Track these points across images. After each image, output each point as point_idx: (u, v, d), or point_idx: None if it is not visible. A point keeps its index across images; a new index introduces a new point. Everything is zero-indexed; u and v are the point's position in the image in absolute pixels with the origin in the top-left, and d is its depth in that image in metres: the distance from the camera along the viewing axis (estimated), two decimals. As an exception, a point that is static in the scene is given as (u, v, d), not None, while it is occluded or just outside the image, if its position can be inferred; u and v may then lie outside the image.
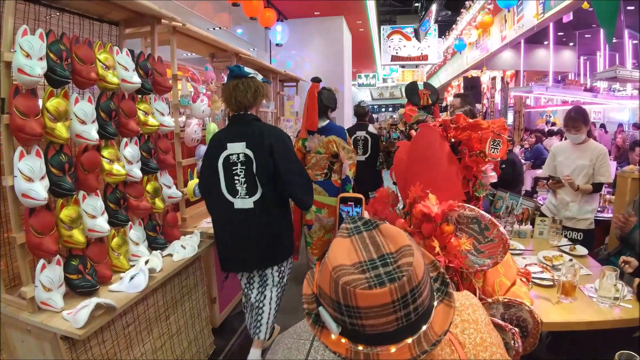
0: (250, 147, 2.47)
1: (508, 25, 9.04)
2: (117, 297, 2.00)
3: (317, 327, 0.82)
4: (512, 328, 1.31)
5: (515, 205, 3.58)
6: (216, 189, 2.54)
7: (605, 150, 3.30)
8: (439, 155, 1.77)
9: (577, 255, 2.77)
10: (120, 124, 2.23)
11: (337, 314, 0.75)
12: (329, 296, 0.75)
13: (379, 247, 0.78)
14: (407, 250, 0.76)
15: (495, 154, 1.81)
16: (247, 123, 2.55)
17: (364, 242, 0.80)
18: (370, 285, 0.70)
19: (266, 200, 2.52)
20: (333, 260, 0.77)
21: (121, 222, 2.22)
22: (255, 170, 2.47)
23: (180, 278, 2.53)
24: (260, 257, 2.63)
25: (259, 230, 2.55)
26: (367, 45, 13.01)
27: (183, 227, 3.04)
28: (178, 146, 2.94)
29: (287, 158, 2.51)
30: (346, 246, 0.79)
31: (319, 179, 3.65)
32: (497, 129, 1.81)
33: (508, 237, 1.55)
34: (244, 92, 2.50)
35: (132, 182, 2.33)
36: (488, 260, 1.53)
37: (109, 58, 2.13)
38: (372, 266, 0.74)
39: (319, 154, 3.64)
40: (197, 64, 5.37)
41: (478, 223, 1.57)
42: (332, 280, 0.74)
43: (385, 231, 0.81)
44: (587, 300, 2.16)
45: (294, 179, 2.54)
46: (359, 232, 0.82)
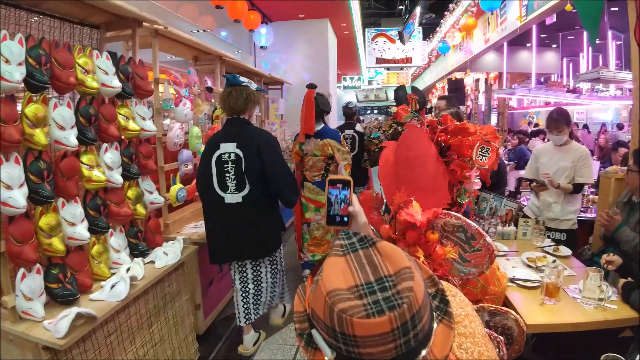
0: (240, 147, 2.70)
1: (491, 28, 9.13)
2: (98, 306, 1.96)
3: (310, 349, 0.77)
4: (497, 336, 1.31)
5: (499, 207, 3.60)
6: (209, 185, 2.76)
7: (587, 152, 3.33)
8: (426, 156, 1.76)
9: (560, 256, 2.79)
10: (100, 129, 2.19)
11: (332, 340, 0.70)
12: (323, 321, 0.70)
13: (376, 269, 0.72)
14: (406, 273, 0.71)
15: (483, 162, 1.78)
16: (239, 126, 2.80)
17: (360, 261, 0.74)
18: (368, 314, 0.65)
19: (254, 196, 2.73)
20: (327, 283, 0.71)
21: (101, 229, 2.18)
22: (244, 168, 2.70)
23: (163, 285, 2.49)
24: (249, 248, 2.82)
25: (247, 223, 2.76)
26: (352, 48, 13.05)
27: (166, 233, 2.99)
28: (160, 151, 2.90)
29: (272, 158, 2.73)
30: (341, 266, 0.74)
31: (316, 179, 3.88)
32: (486, 136, 1.79)
33: (495, 247, 1.54)
34: (236, 99, 2.76)
35: (112, 188, 2.29)
36: (474, 270, 1.52)
37: (89, 62, 2.09)
38: (369, 291, 0.69)
39: (315, 157, 3.85)
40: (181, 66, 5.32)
41: (464, 232, 1.55)
42: (327, 306, 0.68)
43: (382, 250, 0.76)
44: (571, 301, 2.17)
45: (278, 177, 2.75)
46: (354, 250, 0.76)
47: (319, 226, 3.98)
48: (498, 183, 5.49)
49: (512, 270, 2.53)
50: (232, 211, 2.75)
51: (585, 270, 2.15)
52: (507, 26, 7.98)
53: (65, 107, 1.95)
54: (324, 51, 8.92)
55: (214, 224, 2.85)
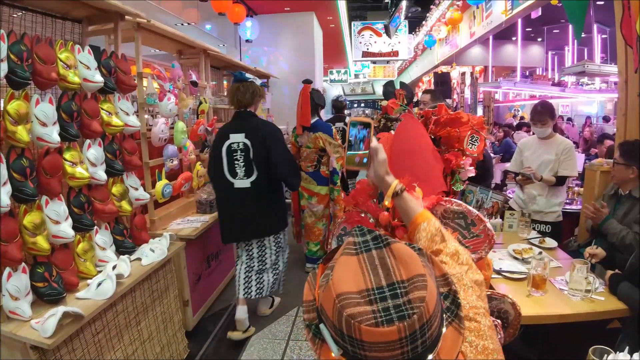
0: (248, 137, 2.99)
1: (477, 22, 9.14)
2: (84, 305, 1.94)
3: (317, 341, 0.77)
4: (495, 320, 1.32)
5: (485, 199, 3.63)
6: (220, 172, 3.04)
7: (571, 145, 3.36)
8: (423, 146, 1.76)
9: (546, 247, 2.82)
10: (83, 125, 2.15)
11: (339, 339, 0.69)
12: (331, 321, 0.69)
13: (389, 273, 0.70)
14: (420, 282, 0.69)
15: (473, 150, 1.80)
16: (246, 118, 3.09)
17: (373, 263, 0.72)
18: (377, 322, 0.64)
19: (260, 181, 3.02)
20: (337, 285, 0.70)
21: (86, 226, 2.15)
22: (252, 156, 2.99)
23: (150, 282, 2.46)
24: (256, 228, 3.11)
25: (255, 205, 3.05)
26: (338, 41, 13.00)
27: (152, 229, 2.97)
28: (145, 146, 2.87)
29: (276, 147, 3.02)
30: (353, 267, 0.72)
31: (309, 170, 4.21)
32: (475, 126, 1.80)
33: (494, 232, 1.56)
34: (243, 93, 3.05)
35: (96, 185, 2.26)
36: (473, 255, 1.53)
37: (70, 57, 2.06)
38: (380, 296, 0.67)
39: (308, 149, 4.16)
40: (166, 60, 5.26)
41: (464, 218, 1.55)
42: (336, 309, 0.68)
43: (396, 252, 0.74)
44: (558, 293, 2.19)
45: (282, 163, 3.03)
46: (368, 250, 0.74)
47: (311, 214, 4.27)
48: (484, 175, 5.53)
49: (498, 262, 2.55)
50: (241, 195, 3.03)
51: (572, 262, 2.17)
52: (493, 20, 8.00)
53: (47, 103, 1.92)
54: (309, 45, 8.88)
55: (225, 207, 3.14)
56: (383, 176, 1.23)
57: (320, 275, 0.82)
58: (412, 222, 1.18)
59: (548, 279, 2.23)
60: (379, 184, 1.26)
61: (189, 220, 3.29)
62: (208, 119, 3.94)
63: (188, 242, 2.99)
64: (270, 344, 3.10)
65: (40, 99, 1.90)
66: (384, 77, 18.17)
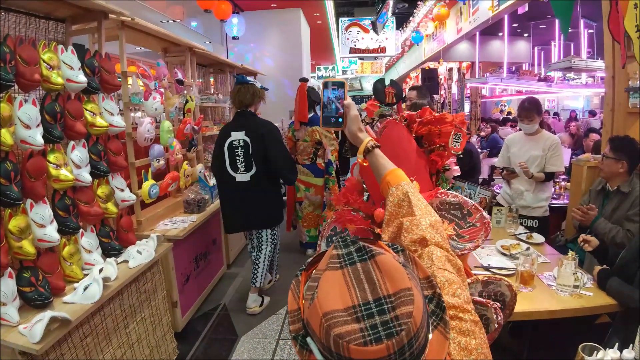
0: (248, 135, 3.27)
1: (463, 18, 9.17)
2: (71, 309, 1.91)
3: (305, 353, 0.75)
4: (494, 304, 1.34)
5: (473, 195, 3.65)
6: (222, 167, 3.33)
7: (557, 140, 3.40)
8: (409, 151, 1.76)
9: (534, 243, 2.85)
10: (67, 126, 2.12)
11: (328, 355, 0.69)
12: (319, 338, 0.69)
13: (375, 287, 0.69)
14: (406, 296, 0.69)
15: (457, 148, 1.82)
16: (247, 117, 3.37)
17: (358, 277, 0.71)
18: (365, 342, 0.64)
19: (259, 176, 3.30)
20: (324, 303, 0.69)
21: (71, 229, 2.11)
22: (251, 152, 3.26)
23: (138, 284, 2.44)
24: (256, 220, 3.42)
25: (254, 198, 3.33)
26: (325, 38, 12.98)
27: (139, 230, 2.93)
28: (130, 146, 2.83)
29: (274, 144, 3.30)
30: (338, 282, 0.71)
31: (306, 162, 4.49)
32: (459, 124, 1.81)
33: (489, 220, 1.58)
34: (244, 95, 3.33)
35: (81, 187, 2.22)
36: (469, 245, 1.56)
37: (54, 57, 2.02)
38: (367, 313, 0.67)
39: (305, 142, 4.43)
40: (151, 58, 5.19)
41: (460, 209, 1.59)
42: (323, 328, 0.67)
43: (381, 265, 0.72)
44: (546, 288, 2.21)
45: (279, 159, 3.32)
46: (352, 263, 0.73)
47: (310, 203, 4.60)
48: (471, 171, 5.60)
49: (487, 259, 2.58)
50: (241, 188, 3.31)
51: (560, 257, 2.19)
52: (480, 16, 8.04)
53: (31, 104, 1.88)
54: (297, 41, 8.85)
55: (227, 199, 3.44)
56: (356, 132, 1.27)
57: (303, 283, 0.81)
58: (382, 179, 1.22)
59: (536, 274, 2.25)
60: (352, 140, 1.29)
61: (177, 220, 3.26)
62: (195, 118, 3.90)
63: (176, 242, 2.96)
64: (261, 343, 3.09)
65: (23, 101, 1.86)
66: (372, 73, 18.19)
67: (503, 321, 1.37)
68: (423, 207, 1.11)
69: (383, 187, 1.22)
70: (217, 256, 4.10)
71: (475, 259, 2.59)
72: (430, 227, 1.05)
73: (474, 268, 2.46)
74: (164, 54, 3.92)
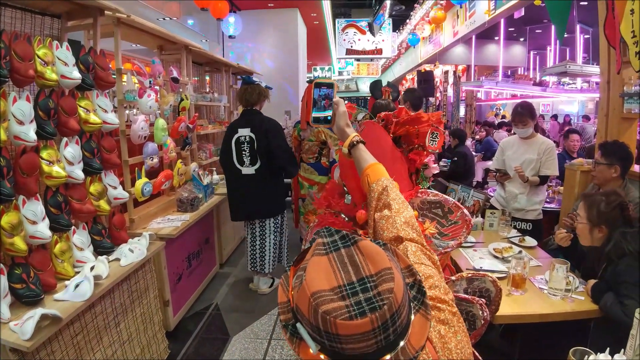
0: (253, 131, 3.55)
1: (460, 21, 9.19)
2: (62, 307, 1.90)
3: (295, 340, 0.80)
4: (479, 300, 1.36)
5: (466, 198, 3.67)
6: (230, 161, 3.63)
7: (552, 145, 3.42)
8: (386, 152, 1.76)
9: (526, 246, 2.86)
10: (60, 122, 2.10)
11: (316, 335, 0.73)
12: (307, 319, 0.73)
13: (358, 269, 0.75)
14: (387, 274, 0.74)
15: (434, 147, 1.83)
16: (252, 115, 3.64)
17: (342, 261, 0.77)
18: (351, 316, 0.69)
19: (264, 169, 3.59)
20: (311, 284, 0.73)
21: (63, 227, 2.10)
22: (256, 147, 3.54)
23: (130, 283, 2.42)
24: (260, 209, 3.69)
25: (259, 190, 3.61)
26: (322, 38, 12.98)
27: (131, 228, 2.91)
28: (124, 144, 2.81)
29: (277, 140, 3.57)
30: (324, 266, 0.76)
31: (311, 161, 4.55)
32: (435, 122, 1.82)
33: (470, 217, 1.59)
34: (250, 94, 3.63)
35: (74, 184, 2.20)
36: (452, 242, 1.57)
37: (48, 53, 2.01)
38: (351, 291, 0.72)
39: (310, 142, 4.49)
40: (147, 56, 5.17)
41: (441, 207, 1.61)
42: (312, 307, 0.72)
43: (364, 249, 0.78)
44: (538, 292, 2.22)
45: (281, 153, 3.58)
46: (337, 249, 0.79)
47: (312, 201, 4.48)
48: (466, 174, 5.64)
49: (479, 261, 2.58)
50: (246, 180, 3.61)
51: (552, 261, 2.20)
52: (476, 19, 8.06)
53: (25, 100, 1.87)
54: (293, 41, 8.85)
55: (233, 191, 3.74)
56: (343, 127, 1.34)
57: (292, 277, 0.86)
58: (363, 172, 1.28)
59: (528, 278, 2.26)
60: (340, 135, 1.36)
61: (170, 219, 3.25)
62: (189, 116, 3.89)
63: (168, 241, 2.95)
64: (252, 343, 3.08)
65: (17, 97, 1.85)
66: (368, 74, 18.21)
67: (489, 317, 1.38)
68: (400, 202, 1.18)
69: (363, 179, 1.28)
70: (210, 255, 4.09)
71: (467, 262, 2.60)
72: (404, 225, 1.11)
73: (466, 271, 2.46)
74: (159, 52, 3.90)
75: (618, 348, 1.53)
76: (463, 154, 5.66)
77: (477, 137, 9.16)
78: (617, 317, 1.91)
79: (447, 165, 5.88)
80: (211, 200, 3.94)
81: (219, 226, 4.37)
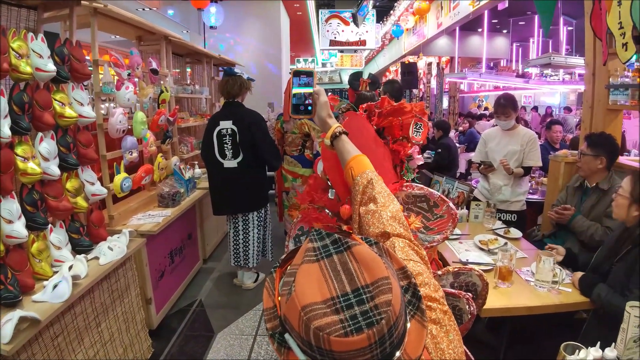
0: (235, 124, 3.49)
1: (444, 12, 9.17)
2: (41, 308, 1.84)
3: (283, 350, 0.74)
4: (466, 294, 1.34)
5: (451, 189, 3.67)
6: (212, 154, 3.55)
7: (534, 136, 3.46)
8: (370, 142, 1.73)
9: (511, 238, 2.87)
10: (35, 117, 2.02)
11: (307, 349, 0.67)
12: (297, 332, 0.67)
13: (352, 278, 0.69)
14: (384, 284, 0.68)
15: (418, 138, 1.81)
16: (234, 107, 3.59)
17: (335, 268, 0.70)
18: (346, 332, 0.63)
19: (246, 162, 3.54)
20: (301, 296, 0.67)
21: (40, 225, 2.02)
22: (238, 140, 3.48)
23: (110, 282, 2.36)
24: (242, 203, 3.63)
25: (241, 183, 3.55)
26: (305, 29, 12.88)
27: (111, 225, 2.84)
28: (102, 138, 2.72)
29: (260, 132, 3.53)
30: (315, 275, 0.70)
31: (294, 154, 4.55)
32: (418, 113, 1.80)
33: (457, 211, 1.58)
34: (232, 86, 3.56)
35: (50, 181, 2.12)
36: (437, 236, 1.56)
37: (23, 46, 1.93)
38: (346, 304, 0.66)
39: (294, 134, 4.48)
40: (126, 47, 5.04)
41: (426, 201, 1.58)
42: (302, 321, 0.65)
43: (358, 255, 0.72)
44: (524, 284, 2.22)
45: (265, 146, 3.55)
46: (329, 255, 0.72)
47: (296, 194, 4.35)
48: (449, 165, 5.67)
49: (465, 254, 2.58)
50: (229, 174, 3.55)
51: (538, 253, 2.20)
52: (460, 11, 8.05)
53: (0, 96, 1.79)
54: (276, 32, 8.73)
55: (215, 184, 3.68)
56: (325, 118, 1.30)
57: (278, 280, 0.80)
58: (347, 164, 1.23)
59: (514, 270, 2.26)
60: (321, 126, 1.32)
61: (151, 214, 3.17)
62: (170, 109, 3.81)
63: (150, 237, 2.88)
64: (237, 340, 3.04)
65: (-9, 92, 1.77)
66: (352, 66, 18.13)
67: (476, 311, 1.37)
68: (386, 195, 1.13)
69: (347, 172, 1.23)
70: (193, 251, 4.03)
71: (454, 254, 2.59)
72: (391, 220, 1.06)
73: (452, 263, 2.46)
74: (138, 43, 3.80)
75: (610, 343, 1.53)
76: (447, 145, 5.69)
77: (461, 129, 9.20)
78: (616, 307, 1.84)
79: (431, 156, 5.90)
80: (193, 194, 3.87)
81: (202, 221, 4.30)
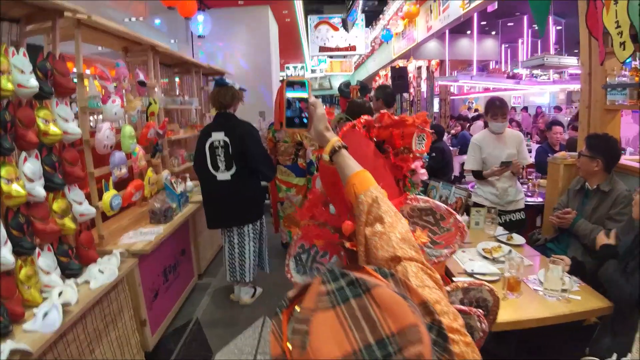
0: (227, 135, 3.39)
1: (434, 16, 9.15)
2: (32, 339, 1.75)
3: None
4: (477, 311, 1.28)
5: (448, 195, 3.59)
6: (204, 166, 3.44)
7: (522, 136, 3.55)
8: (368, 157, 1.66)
9: (514, 244, 2.81)
10: (18, 136, 1.92)
11: None
12: None
13: (375, 326, 0.59)
14: (413, 334, 0.59)
15: (422, 149, 1.74)
16: (226, 118, 3.50)
17: (354, 316, 0.60)
18: None
19: (239, 174, 3.44)
20: (317, 352, 0.58)
21: (27, 250, 1.92)
22: (231, 152, 3.39)
23: (102, 306, 2.25)
24: (237, 216, 3.52)
25: (235, 196, 3.45)
26: (294, 36, 12.81)
27: (101, 245, 2.71)
28: (89, 155, 2.61)
29: (253, 144, 3.43)
30: (331, 325, 0.60)
31: (287, 163, 4.53)
32: (420, 123, 1.73)
33: (465, 224, 1.50)
34: (224, 96, 3.46)
35: (35, 203, 2.01)
36: (445, 251, 1.47)
37: (4, 61, 1.84)
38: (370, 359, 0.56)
39: (286, 143, 4.47)
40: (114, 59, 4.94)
41: (433, 214, 1.51)
42: None
43: (379, 299, 0.62)
44: (533, 294, 2.15)
45: (258, 158, 3.46)
46: (345, 300, 0.62)
47: (292, 204, 4.61)
48: (444, 169, 5.63)
49: (469, 264, 2.51)
50: (222, 186, 3.44)
51: (546, 260, 2.14)
52: (450, 14, 8.02)
53: (-20, 115, 1.69)
54: (265, 39, 8.66)
55: (209, 197, 3.58)
56: (322, 131, 1.22)
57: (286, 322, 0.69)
58: (348, 181, 1.15)
59: (522, 279, 2.19)
60: (319, 140, 1.25)
61: (142, 232, 3.05)
62: (159, 121, 3.70)
63: (142, 257, 2.77)
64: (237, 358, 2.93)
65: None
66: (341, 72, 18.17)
67: (488, 328, 1.30)
68: (393, 214, 1.06)
69: (348, 189, 1.16)
70: (187, 267, 3.91)
71: (458, 265, 2.52)
72: (401, 242, 0.98)
73: (457, 275, 2.39)
74: (124, 54, 3.70)
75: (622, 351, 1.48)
76: (441, 149, 5.65)
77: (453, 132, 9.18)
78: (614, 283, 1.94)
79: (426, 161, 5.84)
80: (186, 209, 3.76)
81: (196, 236, 4.18)
